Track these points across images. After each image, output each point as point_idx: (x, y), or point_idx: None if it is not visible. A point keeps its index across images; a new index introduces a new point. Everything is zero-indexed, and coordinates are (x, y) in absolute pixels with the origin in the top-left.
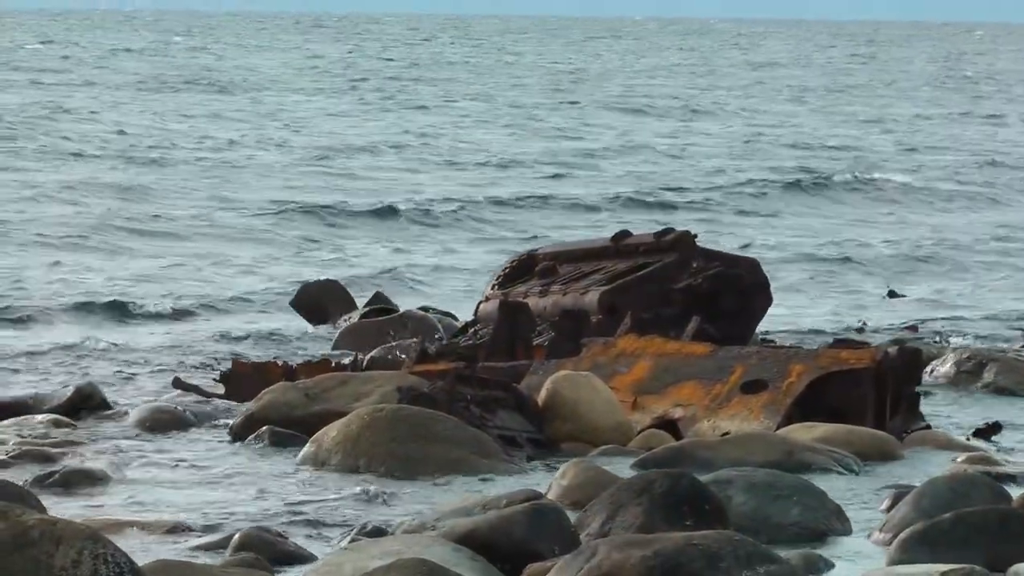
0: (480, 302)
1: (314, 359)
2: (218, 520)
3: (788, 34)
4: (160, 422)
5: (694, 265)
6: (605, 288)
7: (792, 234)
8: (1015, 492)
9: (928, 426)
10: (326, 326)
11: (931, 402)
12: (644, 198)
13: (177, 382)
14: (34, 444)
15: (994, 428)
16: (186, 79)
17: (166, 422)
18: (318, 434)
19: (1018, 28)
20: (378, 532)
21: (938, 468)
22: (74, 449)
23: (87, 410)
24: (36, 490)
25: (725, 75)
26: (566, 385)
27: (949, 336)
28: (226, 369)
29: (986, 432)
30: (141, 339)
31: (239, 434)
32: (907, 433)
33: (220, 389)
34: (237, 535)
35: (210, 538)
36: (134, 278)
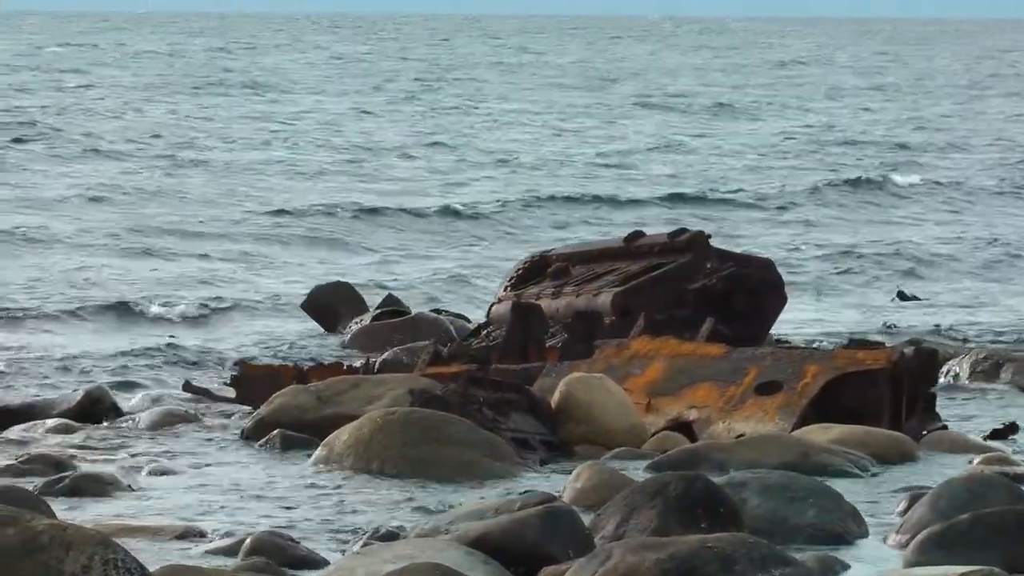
0: (492, 304)
1: (326, 362)
2: (229, 525)
3: (805, 32)
4: (170, 426)
5: (708, 266)
6: (618, 289)
7: (840, 233)
8: None
9: (944, 427)
10: (337, 329)
11: (947, 403)
12: (691, 195)
13: (188, 385)
14: (44, 449)
15: (1011, 428)
16: (211, 80)
17: (176, 426)
18: (330, 437)
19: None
20: (391, 536)
21: (955, 469)
22: (84, 454)
23: (97, 414)
24: (46, 495)
25: (752, 73)
26: (579, 387)
27: (967, 336)
28: (237, 372)
29: (1003, 433)
30: (151, 342)
31: (250, 438)
32: (924, 434)
33: (231, 392)
34: (248, 539)
35: (221, 543)
36: (147, 281)
